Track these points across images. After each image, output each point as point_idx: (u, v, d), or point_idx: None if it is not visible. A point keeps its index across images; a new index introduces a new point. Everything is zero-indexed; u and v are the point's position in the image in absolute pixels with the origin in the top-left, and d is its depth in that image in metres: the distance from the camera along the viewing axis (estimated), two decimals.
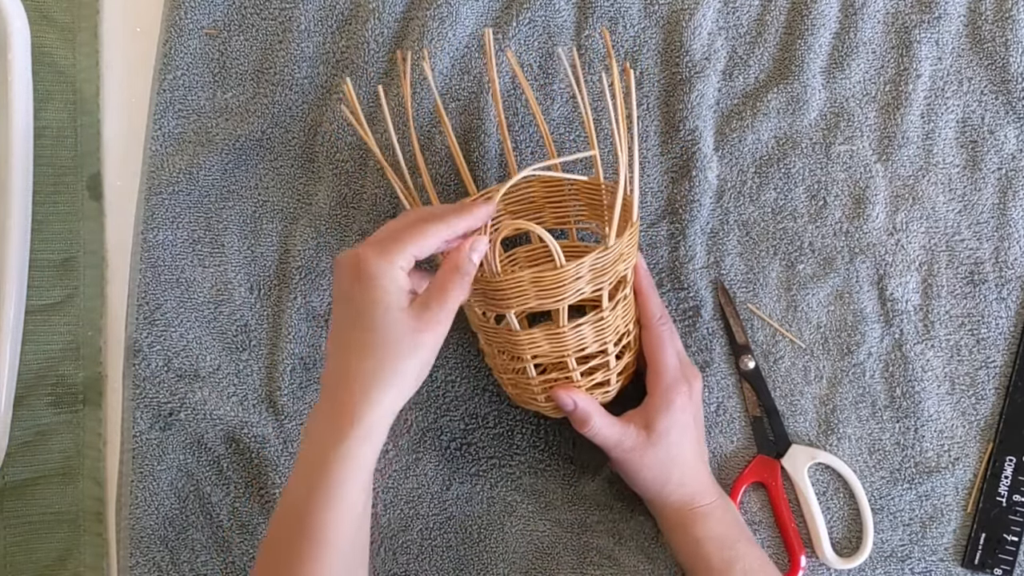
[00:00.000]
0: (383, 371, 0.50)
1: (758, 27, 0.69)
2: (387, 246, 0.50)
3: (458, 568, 0.66)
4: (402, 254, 0.50)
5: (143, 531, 0.67)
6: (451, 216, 0.53)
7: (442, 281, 0.52)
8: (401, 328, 0.50)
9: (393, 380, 0.50)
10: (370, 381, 0.50)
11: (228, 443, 0.68)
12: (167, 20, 0.71)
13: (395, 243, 0.50)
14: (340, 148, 0.70)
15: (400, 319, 0.50)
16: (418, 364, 0.51)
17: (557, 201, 0.64)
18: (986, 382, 0.66)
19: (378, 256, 0.50)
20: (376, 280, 0.50)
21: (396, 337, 0.50)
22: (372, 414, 0.50)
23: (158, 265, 0.70)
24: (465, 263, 0.52)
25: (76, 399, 0.69)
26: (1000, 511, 0.64)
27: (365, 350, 0.50)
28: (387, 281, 0.50)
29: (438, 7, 0.69)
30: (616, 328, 0.59)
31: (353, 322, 0.50)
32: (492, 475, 0.67)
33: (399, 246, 0.50)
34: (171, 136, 0.71)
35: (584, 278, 0.55)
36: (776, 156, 0.68)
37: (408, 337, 0.50)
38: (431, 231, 0.51)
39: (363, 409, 0.50)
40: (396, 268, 0.50)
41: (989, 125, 0.67)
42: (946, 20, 0.68)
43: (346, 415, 0.50)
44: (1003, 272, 0.66)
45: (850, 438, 0.66)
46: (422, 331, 0.50)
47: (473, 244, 0.53)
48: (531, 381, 0.60)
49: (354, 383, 0.50)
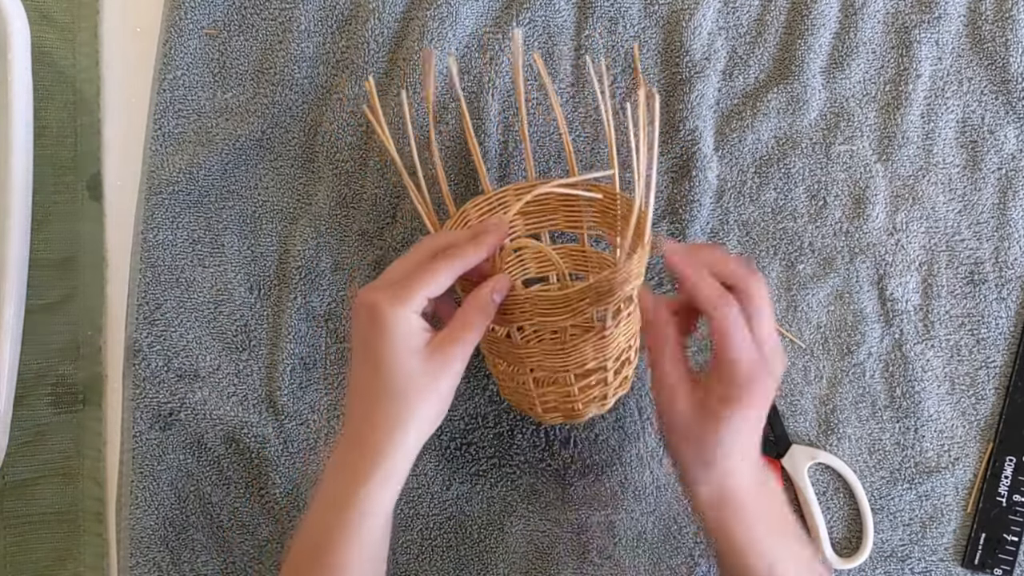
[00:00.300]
0: (401, 415, 0.51)
1: (758, 27, 0.69)
2: (399, 293, 0.50)
3: (458, 568, 0.66)
4: (415, 299, 0.51)
5: (143, 531, 0.67)
6: (464, 252, 0.52)
7: (462, 322, 0.52)
8: (418, 373, 0.51)
9: (412, 423, 0.51)
10: (391, 424, 0.51)
11: (228, 443, 0.68)
12: (167, 20, 0.71)
13: (407, 289, 0.50)
14: (340, 148, 0.70)
15: (416, 365, 0.51)
16: (436, 406, 0.52)
17: (570, 206, 0.64)
18: (986, 382, 0.66)
19: (392, 304, 0.50)
20: (391, 329, 0.50)
21: (413, 382, 0.51)
22: (393, 456, 0.51)
23: (158, 265, 0.70)
24: (487, 305, 0.53)
25: (76, 399, 0.69)
26: (1000, 511, 0.64)
27: (384, 396, 0.51)
28: (402, 328, 0.50)
29: (438, 7, 0.69)
30: (618, 345, 0.59)
31: (372, 368, 0.51)
32: (492, 475, 0.67)
33: (411, 293, 0.50)
34: (171, 136, 0.71)
35: (589, 300, 0.54)
36: (776, 156, 0.68)
37: (425, 381, 0.51)
38: (443, 270, 0.51)
39: (384, 451, 0.51)
40: (409, 314, 0.51)
41: (989, 125, 0.67)
42: (946, 20, 0.68)
43: (367, 457, 0.51)
44: (1003, 272, 0.66)
45: (850, 438, 0.66)
46: (438, 375, 0.51)
47: (496, 285, 0.53)
48: (531, 393, 0.60)
49: (375, 427, 0.51)
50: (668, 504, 0.66)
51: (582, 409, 0.61)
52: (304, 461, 0.68)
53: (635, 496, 0.65)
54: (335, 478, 0.52)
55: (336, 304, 0.69)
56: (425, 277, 0.51)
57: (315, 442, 0.68)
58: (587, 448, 0.66)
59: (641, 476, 0.66)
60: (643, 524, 0.66)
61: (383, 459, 0.51)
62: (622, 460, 0.66)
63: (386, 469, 0.51)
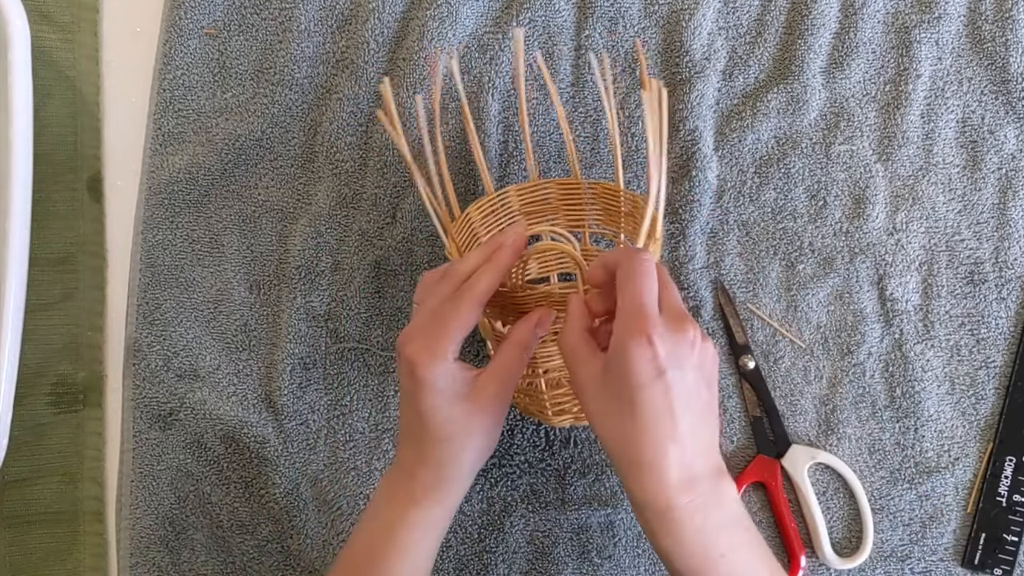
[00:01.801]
0: (451, 455, 0.52)
1: (758, 27, 0.69)
2: (432, 346, 0.51)
3: (458, 568, 0.66)
4: (448, 350, 0.51)
5: (143, 531, 0.67)
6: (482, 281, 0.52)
7: (505, 360, 0.53)
8: (466, 418, 0.52)
9: (460, 460, 0.53)
10: (442, 464, 0.53)
11: (228, 443, 0.68)
12: (167, 20, 0.71)
13: (438, 341, 0.51)
14: (340, 148, 0.70)
15: (459, 411, 0.52)
16: (483, 441, 0.53)
17: (573, 204, 0.64)
18: (986, 382, 0.66)
19: (429, 360, 0.51)
20: (430, 384, 0.51)
21: (458, 427, 0.52)
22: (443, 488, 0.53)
23: (158, 265, 0.70)
24: (531, 342, 0.54)
25: (76, 399, 0.69)
26: (1000, 511, 0.64)
27: (431, 441, 0.52)
28: (440, 383, 0.51)
29: (438, 7, 0.69)
30: None
31: (418, 418, 0.52)
32: (492, 475, 0.67)
33: (443, 345, 0.51)
34: (171, 136, 0.71)
35: None
36: (776, 156, 0.68)
37: (470, 424, 0.52)
38: (467, 309, 0.51)
39: (436, 483, 0.53)
40: (447, 366, 0.51)
41: (989, 125, 0.67)
42: (946, 20, 0.68)
43: (420, 485, 0.53)
44: (1003, 272, 0.66)
45: (850, 438, 0.66)
46: (485, 415, 0.52)
47: (541, 321, 0.54)
48: (543, 395, 0.60)
49: (426, 465, 0.53)
50: None
51: None
52: (304, 461, 0.68)
53: None
54: (386, 503, 0.54)
55: (336, 304, 0.69)
56: (452, 323, 0.51)
57: (314, 442, 0.68)
58: (587, 448, 0.66)
59: None
60: None
61: (435, 489, 0.53)
62: None
63: (437, 497, 0.53)
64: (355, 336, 0.68)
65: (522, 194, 0.64)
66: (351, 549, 0.55)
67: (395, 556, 0.53)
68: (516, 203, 0.64)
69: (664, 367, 0.46)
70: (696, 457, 0.47)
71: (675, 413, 0.46)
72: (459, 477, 0.53)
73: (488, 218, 0.63)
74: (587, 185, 0.62)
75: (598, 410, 0.48)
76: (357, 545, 0.54)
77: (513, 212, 0.64)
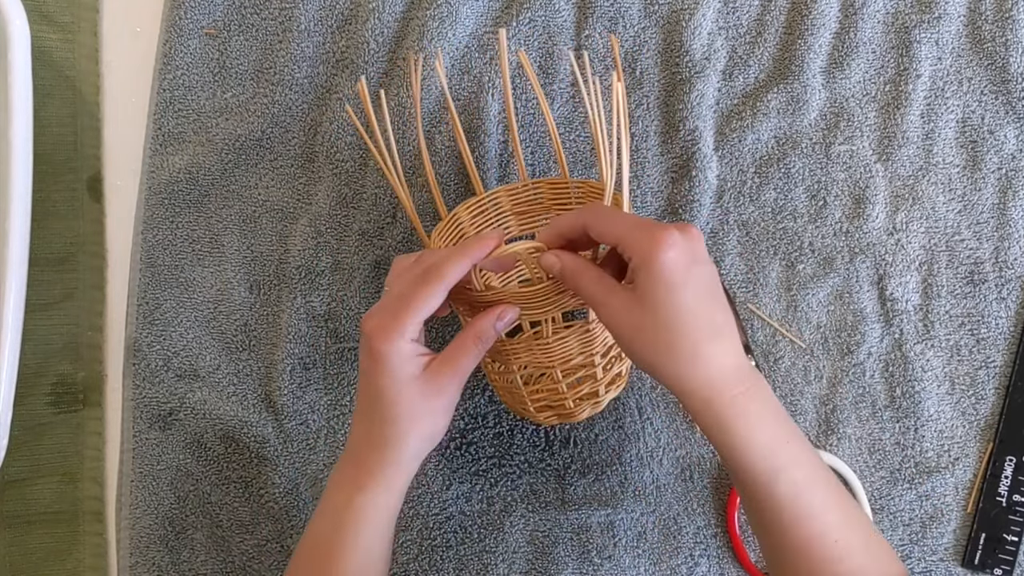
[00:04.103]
0: (397, 436, 0.53)
1: (758, 27, 0.69)
2: (391, 324, 0.52)
3: (458, 568, 0.66)
4: (406, 329, 0.52)
5: (143, 531, 0.67)
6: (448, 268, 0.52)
7: (460, 348, 0.54)
8: (414, 399, 0.53)
9: (406, 443, 0.54)
10: (387, 445, 0.54)
11: (227, 443, 0.68)
12: (167, 20, 0.71)
13: (397, 320, 0.52)
14: (340, 148, 0.70)
15: (412, 392, 0.53)
16: (430, 426, 0.54)
17: (563, 203, 0.64)
18: (986, 382, 0.66)
19: (384, 338, 0.52)
20: (384, 361, 0.52)
21: (407, 409, 0.53)
22: (388, 471, 0.54)
23: (158, 265, 0.70)
24: (489, 333, 0.54)
25: (76, 398, 0.69)
26: (1000, 511, 0.64)
27: (380, 420, 0.53)
28: (394, 360, 0.52)
29: (438, 7, 0.69)
30: (604, 341, 0.59)
31: (370, 396, 0.54)
32: (492, 475, 0.67)
33: (401, 324, 0.52)
34: (171, 136, 0.71)
35: (567, 292, 0.54)
36: (776, 156, 0.68)
37: (419, 406, 0.53)
38: (431, 293, 0.52)
39: (380, 467, 0.54)
40: (402, 345, 0.52)
41: (989, 125, 0.67)
42: (946, 20, 0.68)
43: (364, 472, 0.54)
44: (1003, 272, 0.66)
45: (850, 438, 0.66)
46: (432, 399, 0.53)
47: (501, 314, 0.54)
48: (520, 391, 0.60)
49: (372, 447, 0.54)
50: (668, 504, 0.66)
51: (574, 408, 0.61)
52: (303, 461, 0.68)
53: (635, 496, 0.65)
54: (335, 491, 0.55)
55: (336, 304, 0.69)
56: (414, 304, 0.52)
57: (314, 442, 0.68)
58: (587, 448, 0.66)
59: (641, 476, 0.66)
60: (643, 524, 0.66)
61: (379, 473, 0.54)
62: (622, 460, 0.66)
63: (382, 481, 0.54)
64: (355, 336, 0.68)
65: (512, 194, 0.64)
66: (304, 539, 0.56)
67: (345, 542, 0.53)
68: (507, 203, 0.64)
69: (690, 263, 0.48)
70: (737, 344, 0.50)
71: (714, 303, 0.49)
72: (403, 460, 0.54)
73: (477, 218, 0.63)
74: (575, 184, 0.62)
75: (640, 334, 0.49)
76: (309, 534, 0.56)
77: (504, 212, 0.64)
